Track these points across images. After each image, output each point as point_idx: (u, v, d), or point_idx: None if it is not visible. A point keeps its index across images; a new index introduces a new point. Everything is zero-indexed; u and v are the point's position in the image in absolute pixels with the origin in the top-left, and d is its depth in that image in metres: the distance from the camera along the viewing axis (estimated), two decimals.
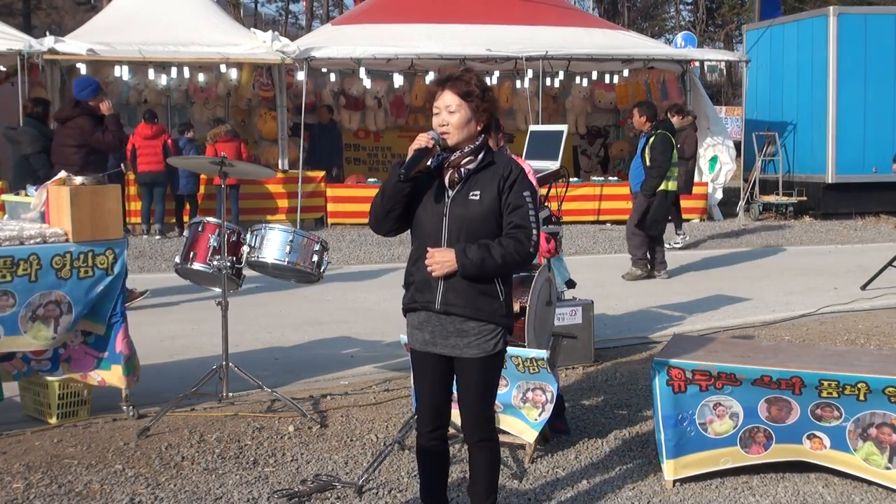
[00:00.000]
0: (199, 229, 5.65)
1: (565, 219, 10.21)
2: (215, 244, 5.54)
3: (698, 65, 24.16)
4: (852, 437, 4.31)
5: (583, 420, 5.44)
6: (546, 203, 6.15)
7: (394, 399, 5.84)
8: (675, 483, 4.46)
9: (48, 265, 5.10)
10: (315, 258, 5.58)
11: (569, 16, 17.79)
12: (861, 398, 4.23)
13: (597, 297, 7.23)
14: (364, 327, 7.99)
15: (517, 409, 4.84)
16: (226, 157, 5.49)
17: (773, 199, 17.04)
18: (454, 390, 3.66)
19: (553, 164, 6.07)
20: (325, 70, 16.78)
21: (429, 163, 3.52)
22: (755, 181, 16.96)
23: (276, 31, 16.84)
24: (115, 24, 15.64)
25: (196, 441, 5.05)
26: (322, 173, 15.34)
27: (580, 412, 5.58)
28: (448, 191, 3.52)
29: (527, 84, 16.32)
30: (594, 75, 17.87)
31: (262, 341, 7.51)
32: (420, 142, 3.46)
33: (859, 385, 4.21)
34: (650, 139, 10.15)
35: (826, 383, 4.25)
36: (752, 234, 14.49)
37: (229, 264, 5.52)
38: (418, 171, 3.48)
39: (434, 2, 16.69)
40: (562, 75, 17.87)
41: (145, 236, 13.85)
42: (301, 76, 15.14)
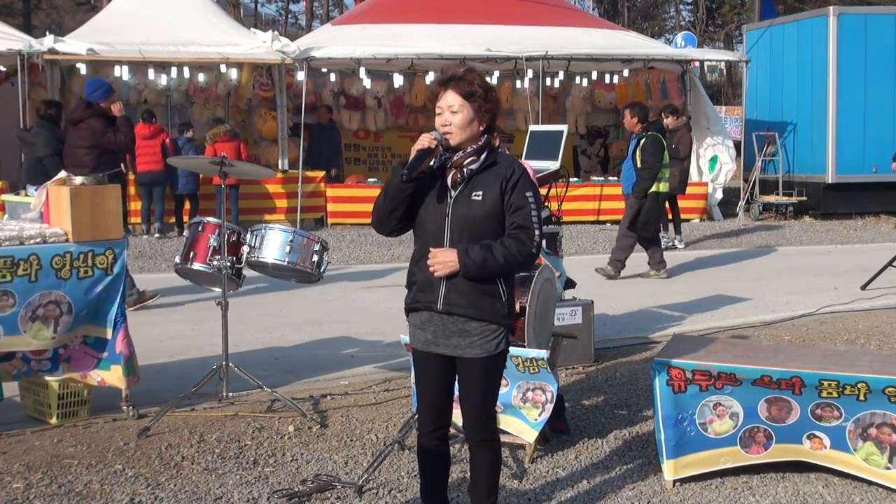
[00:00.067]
0: (199, 229, 5.66)
1: (565, 219, 10.20)
2: (215, 244, 5.54)
3: (698, 65, 24.15)
4: (852, 437, 4.32)
5: (583, 420, 5.44)
6: (546, 203, 6.15)
7: (394, 399, 5.84)
8: (675, 483, 4.46)
9: (48, 265, 5.10)
10: (315, 258, 5.58)
11: (569, 16, 17.78)
12: (861, 398, 4.23)
13: (597, 297, 7.23)
14: (364, 327, 7.98)
15: (517, 409, 4.84)
16: (226, 157, 5.50)
17: (773, 199, 17.05)
18: (455, 390, 3.66)
19: (553, 164, 6.08)
20: (325, 70, 16.78)
21: (431, 163, 3.52)
22: (755, 181, 16.96)
23: (276, 31, 16.84)
24: (115, 24, 15.64)
25: (196, 441, 5.05)
26: (322, 173, 15.35)
27: (580, 412, 5.58)
28: (451, 191, 3.52)
29: (527, 84, 16.32)
30: (594, 75, 17.87)
31: (262, 341, 7.51)
32: (423, 142, 3.46)
33: (859, 385, 4.21)
34: (641, 141, 10.13)
35: (826, 383, 4.25)
36: (752, 234, 14.49)
37: (229, 264, 5.52)
38: (421, 171, 3.48)
39: (434, 2, 16.69)
40: (562, 75, 17.89)
41: (145, 236, 13.86)
42: (301, 76, 15.14)
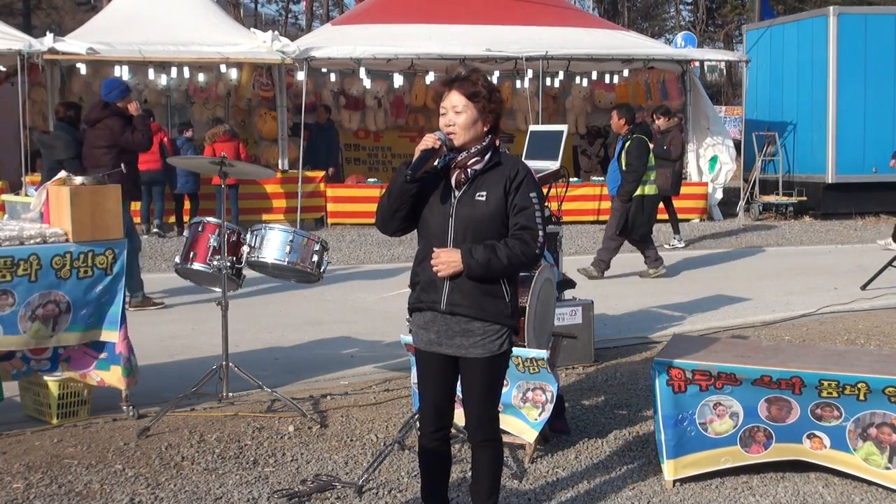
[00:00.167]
0: (199, 229, 5.66)
1: (565, 219, 10.20)
2: (215, 244, 5.54)
3: (698, 65, 24.17)
4: (852, 437, 4.32)
5: (583, 420, 5.44)
6: (546, 203, 6.14)
7: (394, 399, 5.84)
8: (675, 483, 4.46)
9: (48, 265, 5.10)
10: (315, 258, 5.58)
11: (569, 16, 17.78)
12: (861, 398, 4.23)
13: (597, 297, 7.23)
14: (364, 327, 7.98)
15: (517, 409, 4.84)
16: (226, 157, 5.50)
17: (773, 199, 17.04)
18: (458, 391, 3.66)
19: (553, 164, 6.07)
20: (325, 70, 16.78)
21: (435, 163, 3.53)
22: (755, 181, 16.96)
23: (276, 31, 16.83)
24: (115, 24, 15.64)
25: (196, 441, 5.05)
26: (322, 173, 15.35)
27: (580, 412, 5.58)
28: (454, 191, 3.52)
29: (527, 84, 16.32)
30: (594, 75, 17.87)
31: (262, 341, 7.51)
32: (427, 142, 3.47)
33: (859, 385, 4.21)
34: (626, 143, 10.11)
35: (826, 383, 4.25)
36: (752, 234, 14.49)
37: (229, 264, 5.52)
38: (425, 171, 3.48)
39: (434, 2, 16.68)
40: (562, 75, 17.88)
41: (145, 236, 13.85)
42: (301, 76, 15.13)
